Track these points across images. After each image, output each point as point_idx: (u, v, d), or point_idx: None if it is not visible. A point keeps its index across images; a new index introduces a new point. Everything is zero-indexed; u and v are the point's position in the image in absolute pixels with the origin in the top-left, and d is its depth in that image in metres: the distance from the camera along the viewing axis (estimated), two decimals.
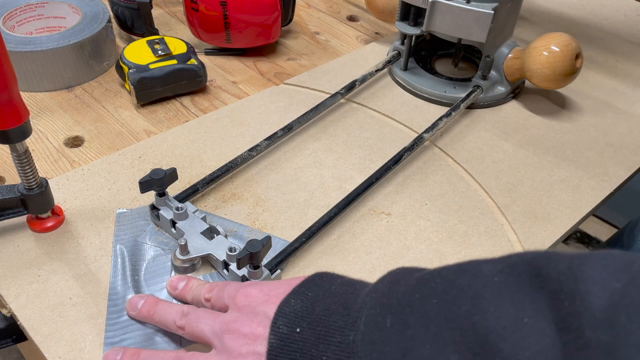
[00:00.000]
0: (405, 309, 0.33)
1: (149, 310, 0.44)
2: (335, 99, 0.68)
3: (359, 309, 0.35)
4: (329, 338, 0.35)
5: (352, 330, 0.34)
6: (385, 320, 0.33)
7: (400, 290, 0.34)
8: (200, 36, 0.76)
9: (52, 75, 0.68)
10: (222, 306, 0.42)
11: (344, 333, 0.34)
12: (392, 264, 0.51)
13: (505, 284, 0.31)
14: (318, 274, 0.39)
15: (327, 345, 0.34)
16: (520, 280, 0.31)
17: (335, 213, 0.53)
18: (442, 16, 0.65)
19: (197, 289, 0.45)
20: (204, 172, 0.58)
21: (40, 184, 0.50)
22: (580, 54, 0.65)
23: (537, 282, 0.30)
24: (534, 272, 0.30)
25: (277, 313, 0.37)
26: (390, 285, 0.35)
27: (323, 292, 0.37)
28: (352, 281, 0.38)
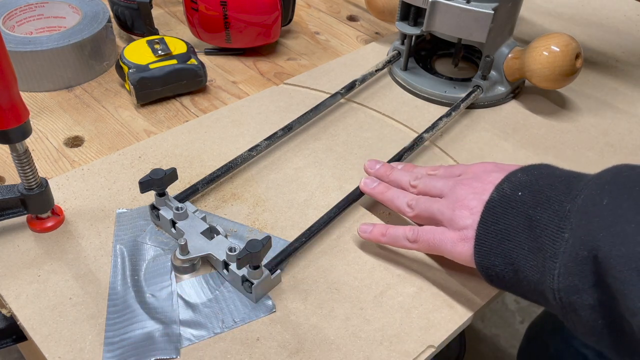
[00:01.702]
0: (623, 195, 0.37)
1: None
2: (335, 99, 0.68)
3: (580, 188, 0.40)
4: (548, 205, 0.41)
5: (569, 203, 0.40)
6: (602, 200, 0.38)
7: (622, 180, 0.39)
8: (200, 36, 0.76)
9: (52, 75, 0.68)
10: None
11: (562, 204, 0.40)
12: (392, 264, 0.51)
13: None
14: (540, 163, 0.46)
15: (543, 209, 0.41)
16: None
17: (335, 213, 0.53)
18: (442, 16, 0.65)
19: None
20: (204, 172, 0.58)
21: (40, 184, 0.50)
22: (580, 54, 0.65)
23: None
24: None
25: (504, 179, 0.45)
26: (613, 176, 0.40)
27: (547, 173, 0.44)
28: (574, 171, 0.44)
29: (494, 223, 0.43)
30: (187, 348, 0.44)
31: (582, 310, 0.37)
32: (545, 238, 0.40)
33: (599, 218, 0.37)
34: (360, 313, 0.47)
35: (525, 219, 0.42)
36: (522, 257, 0.41)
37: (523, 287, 0.43)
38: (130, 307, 0.47)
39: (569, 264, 0.38)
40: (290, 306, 0.48)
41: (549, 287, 0.39)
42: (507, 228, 0.43)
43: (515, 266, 0.42)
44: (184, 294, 0.48)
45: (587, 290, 0.37)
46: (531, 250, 0.41)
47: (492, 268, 0.44)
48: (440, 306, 0.48)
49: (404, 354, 0.45)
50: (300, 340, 0.45)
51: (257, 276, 0.47)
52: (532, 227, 0.41)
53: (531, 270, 0.41)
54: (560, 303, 0.39)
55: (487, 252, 0.44)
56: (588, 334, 0.38)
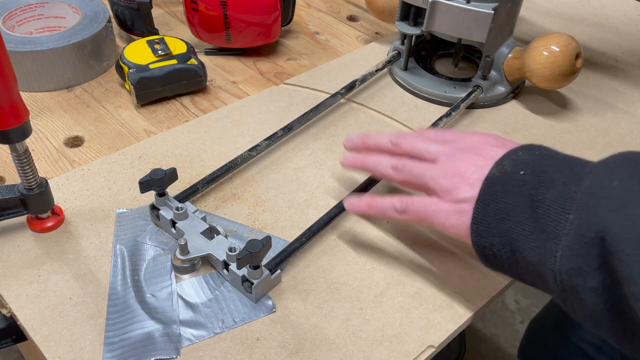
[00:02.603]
0: (634, 179, 0.36)
1: None
2: (335, 99, 0.68)
3: (587, 172, 0.39)
4: (552, 186, 0.39)
5: (575, 185, 0.38)
6: (611, 182, 0.37)
7: (631, 164, 0.38)
8: (200, 36, 0.76)
9: (52, 75, 0.68)
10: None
11: (566, 185, 0.39)
12: (392, 264, 0.51)
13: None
14: (541, 144, 0.44)
15: (547, 190, 0.39)
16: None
17: (335, 213, 0.53)
18: (442, 16, 0.65)
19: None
20: (204, 172, 0.58)
21: (40, 184, 0.50)
22: (580, 54, 0.65)
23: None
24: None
25: (504, 156, 0.43)
26: (622, 160, 0.39)
27: (550, 154, 0.43)
28: (574, 156, 0.43)
29: (493, 201, 0.42)
30: (187, 348, 0.44)
31: (584, 294, 0.36)
32: (548, 219, 0.39)
33: (607, 200, 0.36)
34: (360, 313, 0.47)
35: (527, 199, 0.40)
36: (522, 238, 0.40)
37: (520, 268, 0.41)
38: (130, 307, 0.47)
39: (574, 245, 0.37)
40: (290, 306, 0.48)
41: (550, 269, 0.38)
42: (507, 207, 0.41)
43: (514, 246, 0.41)
44: (184, 294, 0.48)
45: (591, 273, 0.36)
46: (532, 231, 0.40)
47: (489, 247, 0.42)
48: (440, 306, 0.48)
49: (404, 354, 0.45)
50: (300, 340, 0.45)
51: (257, 276, 0.47)
52: (534, 208, 0.40)
53: (531, 251, 0.40)
54: (560, 285, 0.38)
55: (485, 231, 0.42)
56: (587, 318, 0.38)
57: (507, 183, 0.42)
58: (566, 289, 0.37)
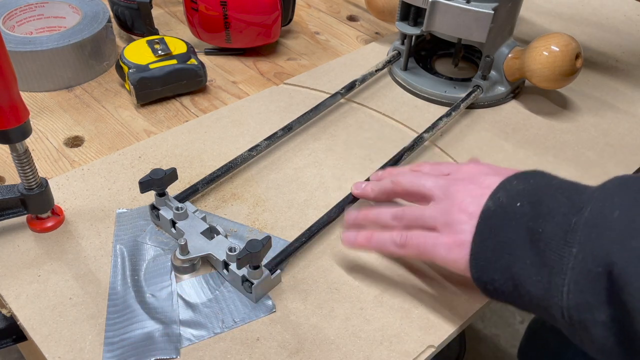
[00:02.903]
0: (635, 208, 0.36)
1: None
2: (335, 99, 0.68)
3: (585, 200, 0.38)
4: (550, 218, 0.38)
5: (575, 216, 0.38)
6: (612, 213, 0.36)
7: (631, 193, 0.37)
8: (200, 36, 0.76)
9: (52, 75, 0.68)
10: (414, 188, 0.48)
11: (566, 216, 0.38)
12: (392, 264, 0.51)
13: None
14: (534, 170, 0.43)
15: (546, 222, 0.38)
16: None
17: (335, 213, 0.53)
18: (442, 16, 0.65)
19: (382, 181, 0.50)
20: (204, 172, 0.58)
21: (40, 184, 0.50)
22: (580, 54, 0.65)
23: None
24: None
25: (499, 187, 0.42)
26: (620, 187, 0.38)
27: (545, 182, 0.41)
28: (570, 181, 0.42)
29: (491, 235, 0.41)
30: (187, 348, 0.44)
31: (594, 328, 0.36)
32: (551, 252, 0.38)
33: (610, 232, 0.35)
34: (360, 313, 0.47)
35: (526, 231, 0.39)
36: (523, 272, 0.39)
37: (524, 302, 0.41)
38: (130, 307, 0.47)
39: (581, 280, 0.36)
40: (290, 306, 0.48)
41: (557, 304, 0.37)
42: (506, 241, 0.40)
43: (516, 281, 0.40)
44: (184, 294, 0.48)
45: (600, 308, 0.35)
46: (534, 265, 0.39)
47: (490, 282, 0.41)
48: (440, 306, 0.48)
49: (404, 354, 0.45)
50: (300, 340, 0.45)
51: (257, 276, 0.47)
52: (535, 241, 0.39)
53: (534, 285, 0.39)
54: (569, 321, 0.37)
55: (485, 266, 0.41)
56: (598, 351, 0.37)
57: (503, 216, 0.41)
58: (575, 324, 0.37)
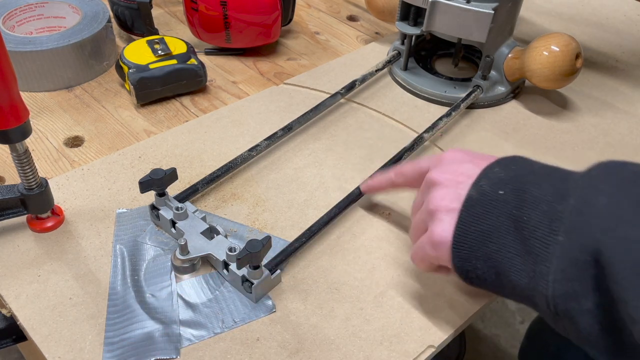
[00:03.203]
0: (621, 196, 0.35)
1: None
2: (335, 99, 0.68)
3: (570, 188, 0.38)
4: (535, 205, 0.38)
5: (560, 204, 0.37)
6: (598, 200, 0.36)
7: (616, 179, 0.37)
8: (200, 36, 0.76)
9: (52, 75, 0.68)
10: (415, 172, 0.48)
11: (551, 205, 0.37)
12: (392, 264, 0.51)
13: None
14: (515, 156, 0.43)
15: (531, 209, 0.38)
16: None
17: (335, 213, 0.53)
18: (442, 16, 0.65)
19: (385, 173, 0.52)
20: (204, 172, 0.58)
21: (40, 184, 0.50)
22: (580, 54, 0.65)
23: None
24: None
25: (481, 174, 0.42)
26: (606, 174, 0.37)
27: (527, 169, 0.41)
28: (552, 166, 0.42)
29: (474, 223, 0.40)
30: (187, 348, 0.44)
31: (580, 316, 0.36)
32: (536, 241, 0.37)
33: (598, 219, 0.35)
34: (360, 313, 0.47)
35: (510, 219, 0.39)
36: (507, 260, 0.39)
37: (506, 290, 0.40)
38: (130, 307, 0.47)
39: (567, 268, 0.35)
40: (290, 306, 0.48)
41: (541, 293, 0.37)
42: (490, 229, 0.40)
43: (499, 269, 0.40)
44: (184, 294, 0.48)
45: (586, 296, 0.35)
46: (518, 254, 0.38)
47: (472, 271, 0.41)
48: (440, 306, 0.48)
49: (404, 354, 0.45)
50: (300, 340, 0.45)
51: (257, 276, 0.47)
52: (519, 229, 0.38)
53: (518, 274, 0.38)
54: (554, 310, 0.36)
55: (467, 254, 0.41)
56: (582, 340, 0.37)
57: (486, 204, 0.40)
58: (560, 313, 0.36)
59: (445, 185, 0.43)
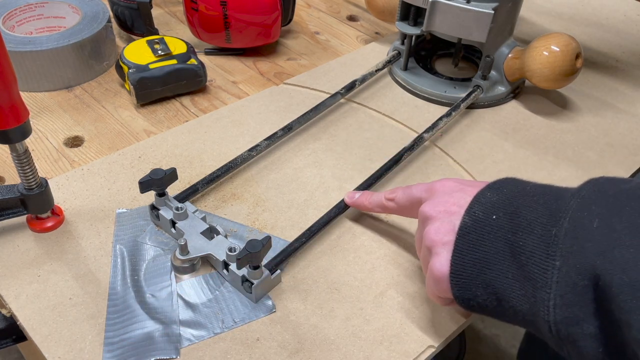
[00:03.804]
0: (614, 217, 0.35)
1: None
2: (335, 99, 0.68)
3: (564, 210, 0.37)
4: (529, 230, 0.38)
5: (554, 227, 0.37)
6: (591, 223, 0.35)
7: (608, 199, 0.36)
8: (200, 36, 0.76)
9: (52, 75, 0.68)
10: (407, 201, 0.48)
11: (545, 228, 0.37)
12: (392, 264, 0.51)
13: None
14: (506, 178, 0.43)
15: (526, 234, 0.38)
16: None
17: (336, 213, 0.53)
18: (442, 16, 0.65)
19: (376, 195, 0.52)
20: (204, 172, 0.58)
21: (40, 184, 0.50)
22: (580, 54, 0.65)
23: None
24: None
25: (473, 201, 0.41)
26: (597, 193, 0.37)
27: (519, 191, 0.41)
28: (543, 185, 0.41)
29: (470, 251, 0.40)
30: (187, 348, 0.44)
31: (582, 341, 0.35)
32: (533, 266, 0.37)
33: (592, 243, 0.35)
34: (360, 313, 0.47)
35: (506, 245, 0.39)
36: (507, 286, 0.39)
37: (508, 316, 0.40)
38: (130, 307, 0.47)
39: (567, 294, 0.35)
40: (290, 306, 0.48)
41: (543, 319, 0.36)
42: (486, 256, 0.40)
43: (500, 295, 0.39)
44: (184, 294, 0.48)
45: (588, 320, 0.35)
46: (517, 279, 0.38)
47: (473, 299, 0.41)
48: (440, 306, 0.48)
49: (404, 354, 0.45)
50: (300, 340, 0.45)
51: (257, 276, 0.46)
52: (515, 254, 0.38)
53: (518, 300, 0.38)
54: (557, 335, 0.36)
55: (467, 282, 0.41)
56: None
57: (480, 230, 0.40)
58: (563, 338, 0.36)
59: (438, 218, 0.43)
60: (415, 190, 0.48)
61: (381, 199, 0.51)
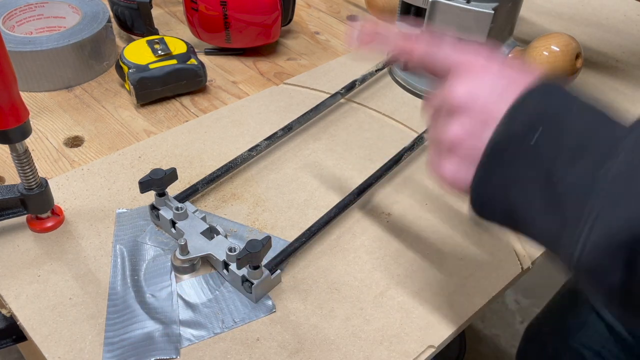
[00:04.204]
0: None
1: None
2: (335, 99, 0.68)
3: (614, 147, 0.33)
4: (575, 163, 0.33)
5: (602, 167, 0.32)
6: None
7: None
8: (200, 36, 0.76)
9: (52, 75, 0.68)
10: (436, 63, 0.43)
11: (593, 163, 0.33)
12: (392, 264, 0.51)
13: None
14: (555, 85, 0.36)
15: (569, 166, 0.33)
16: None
17: (335, 213, 0.53)
18: (442, 16, 0.65)
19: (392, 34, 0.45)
20: (204, 172, 0.58)
21: (40, 184, 0.50)
22: (580, 54, 0.65)
23: None
24: None
25: (517, 105, 0.36)
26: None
27: (571, 107, 0.35)
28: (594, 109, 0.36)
29: (498, 171, 0.36)
30: (187, 348, 0.44)
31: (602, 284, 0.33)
32: (569, 202, 0.33)
33: None
34: (360, 313, 0.47)
35: (542, 171, 0.34)
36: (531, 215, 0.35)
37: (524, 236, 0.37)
38: (130, 307, 0.47)
39: (601, 244, 0.32)
40: (290, 306, 0.48)
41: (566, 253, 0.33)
42: (515, 180, 0.35)
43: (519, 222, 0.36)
44: (184, 294, 0.48)
45: (615, 273, 0.32)
46: (546, 211, 0.34)
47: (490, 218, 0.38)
48: (440, 306, 0.48)
49: (404, 354, 0.45)
50: (300, 340, 0.45)
51: (257, 276, 0.47)
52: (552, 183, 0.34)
53: (541, 232, 0.35)
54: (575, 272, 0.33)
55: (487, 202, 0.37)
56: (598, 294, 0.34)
57: (516, 150, 0.35)
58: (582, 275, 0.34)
59: (471, 114, 0.37)
60: (449, 51, 0.42)
61: (397, 39, 0.45)
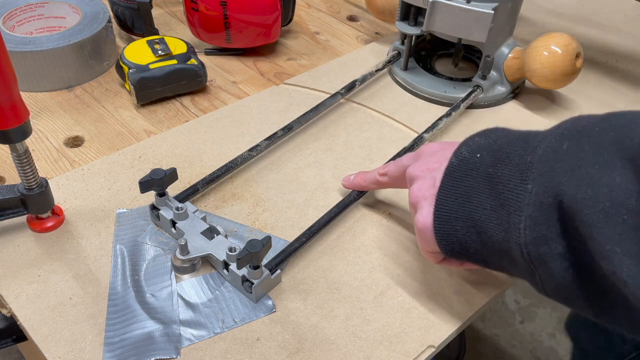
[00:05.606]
0: (583, 138, 0.36)
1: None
2: (335, 99, 0.68)
3: (540, 140, 0.39)
4: (508, 161, 0.39)
5: (529, 155, 0.38)
6: (562, 145, 0.37)
7: (581, 124, 0.37)
8: (200, 36, 0.76)
9: (52, 75, 0.68)
10: (399, 172, 0.50)
11: (522, 157, 0.39)
12: (392, 264, 0.51)
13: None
14: (496, 127, 0.45)
15: (504, 165, 0.39)
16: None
17: (335, 213, 0.53)
18: (442, 16, 0.65)
19: (370, 173, 0.54)
20: (204, 172, 0.58)
21: (40, 184, 0.50)
22: (580, 54, 0.65)
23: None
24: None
25: (462, 144, 0.44)
26: (571, 123, 0.38)
27: (505, 133, 0.43)
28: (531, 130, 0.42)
29: (453, 187, 0.42)
30: (187, 348, 0.44)
31: (552, 262, 0.36)
32: (508, 193, 0.38)
33: (561, 163, 0.36)
34: (360, 313, 0.47)
35: (485, 178, 0.40)
36: (484, 217, 0.40)
37: (487, 250, 0.41)
38: (130, 307, 0.47)
39: (535, 214, 0.36)
40: (290, 306, 0.48)
41: (515, 242, 0.38)
42: (468, 190, 0.41)
43: (478, 228, 0.40)
44: (184, 294, 0.48)
45: (556, 239, 0.36)
46: (494, 209, 0.39)
47: (453, 234, 0.42)
48: (440, 306, 0.48)
49: (404, 354, 0.45)
50: (300, 340, 0.45)
51: (257, 276, 0.47)
52: (493, 185, 0.40)
53: (495, 229, 0.39)
54: (528, 258, 0.37)
55: (448, 216, 0.42)
56: (558, 288, 0.37)
57: (465, 167, 0.42)
58: (534, 261, 0.37)
59: (421, 177, 0.46)
60: (405, 159, 0.50)
61: (375, 175, 0.53)
